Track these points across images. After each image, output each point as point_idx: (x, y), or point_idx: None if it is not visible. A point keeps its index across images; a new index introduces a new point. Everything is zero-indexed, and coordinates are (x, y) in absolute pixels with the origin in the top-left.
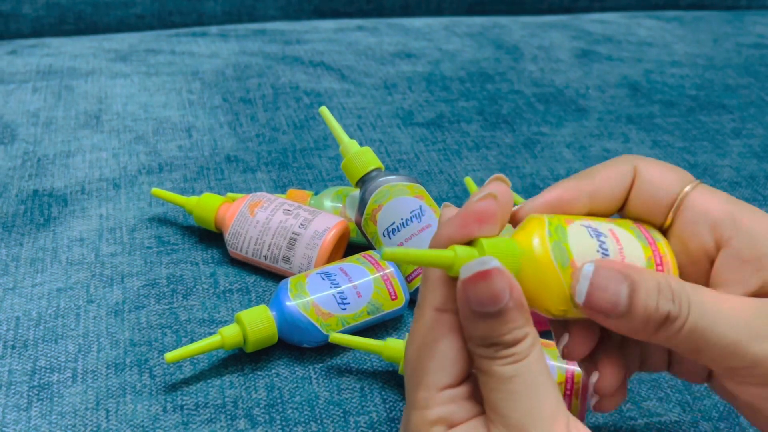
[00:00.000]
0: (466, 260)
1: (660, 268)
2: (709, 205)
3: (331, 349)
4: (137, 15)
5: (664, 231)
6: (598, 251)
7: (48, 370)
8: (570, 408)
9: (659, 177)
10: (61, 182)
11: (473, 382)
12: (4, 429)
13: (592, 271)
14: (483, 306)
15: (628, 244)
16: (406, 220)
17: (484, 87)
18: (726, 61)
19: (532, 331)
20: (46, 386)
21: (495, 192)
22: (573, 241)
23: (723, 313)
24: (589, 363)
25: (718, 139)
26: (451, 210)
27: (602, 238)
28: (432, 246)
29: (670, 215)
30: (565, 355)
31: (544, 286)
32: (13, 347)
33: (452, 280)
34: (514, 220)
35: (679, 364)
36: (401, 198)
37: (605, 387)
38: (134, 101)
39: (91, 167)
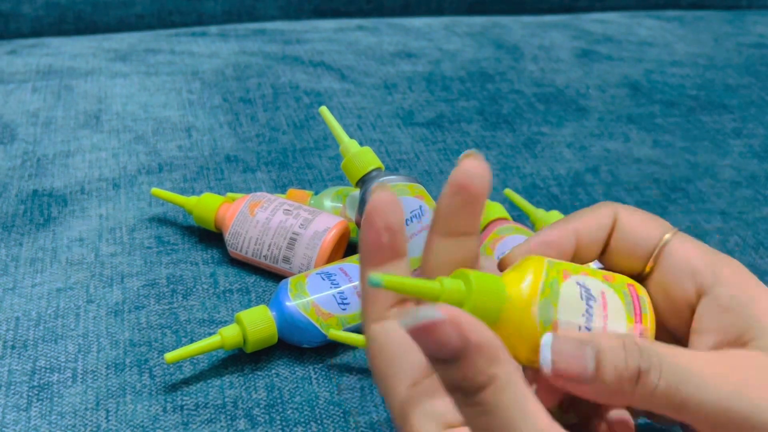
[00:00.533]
0: (452, 293)
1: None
2: (689, 254)
3: (331, 349)
4: (137, 15)
5: (644, 278)
6: (583, 316)
7: (48, 371)
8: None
9: (639, 225)
10: (61, 182)
11: None
12: (3, 429)
13: (552, 339)
14: (435, 354)
15: (613, 315)
16: (406, 220)
17: (485, 87)
18: (727, 61)
19: (501, 372)
20: (46, 386)
21: (473, 151)
22: (562, 302)
23: (700, 369)
24: (600, 422)
25: (718, 139)
26: (382, 195)
27: (590, 303)
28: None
29: (650, 262)
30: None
31: (520, 337)
32: (13, 347)
33: (382, 293)
34: (503, 264)
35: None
36: (401, 198)
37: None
38: (134, 101)
39: (91, 167)
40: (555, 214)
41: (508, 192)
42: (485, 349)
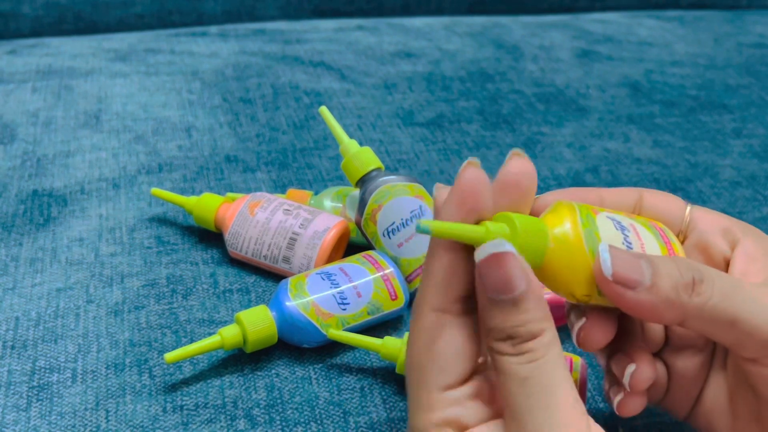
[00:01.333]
0: (497, 236)
1: None
2: (715, 218)
3: (331, 349)
4: (137, 14)
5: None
6: (623, 243)
7: (47, 371)
8: None
9: (663, 201)
10: (61, 182)
11: (480, 383)
12: (3, 429)
13: (608, 246)
14: (498, 293)
15: (648, 242)
16: (406, 220)
17: (485, 87)
18: (727, 61)
19: (550, 327)
20: (46, 386)
21: (475, 159)
22: (602, 230)
23: (750, 288)
24: (622, 356)
25: (718, 139)
26: (444, 192)
27: (626, 232)
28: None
29: (680, 235)
30: (581, 341)
31: (573, 269)
32: (13, 347)
33: (452, 281)
34: (534, 209)
35: (673, 392)
36: (401, 198)
37: (643, 379)
38: (134, 101)
39: (91, 167)
40: None
41: None
42: (542, 302)
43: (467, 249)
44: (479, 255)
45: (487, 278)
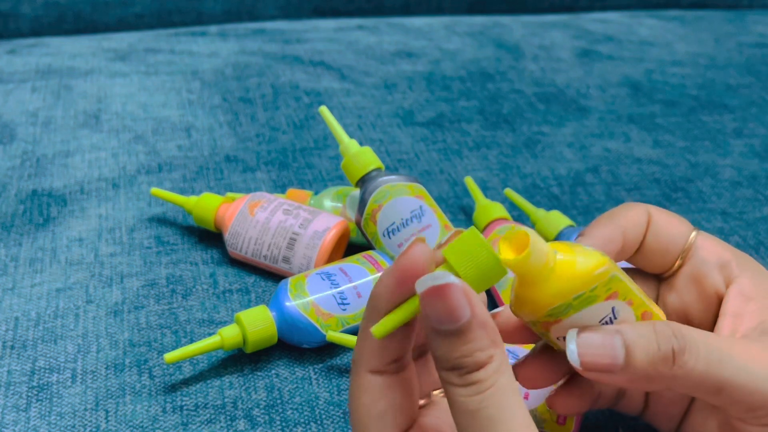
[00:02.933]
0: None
1: None
2: (716, 249)
3: (331, 349)
4: (136, 14)
5: (672, 273)
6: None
7: (47, 371)
8: (566, 417)
9: (672, 223)
10: (60, 182)
11: (428, 425)
12: (3, 429)
13: (576, 333)
14: (441, 323)
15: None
16: (407, 220)
17: (485, 86)
18: (727, 61)
19: (498, 353)
20: (46, 387)
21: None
22: (585, 312)
23: (736, 352)
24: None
25: (719, 139)
26: (417, 250)
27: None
28: (369, 306)
29: (680, 259)
30: (521, 381)
31: (540, 293)
32: (12, 348)
33: (388, 345)
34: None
35: (653, 408)
36: (401, 198)
37: (561, 409)
38: (133, 101)
39: (90, 167)
40: (555, 214)
41: (508, 192)
42: (489, 328)
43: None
44: (420, 287)
45: (429, 309)
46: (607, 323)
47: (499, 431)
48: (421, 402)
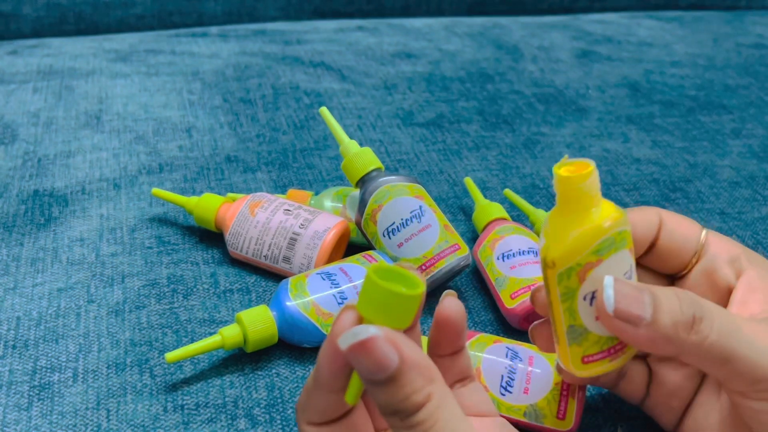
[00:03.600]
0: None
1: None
2: (726, 245)
3: None
4: (137, 15)
5: (688, 271)
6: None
7: (48, 370)
8: (566, 408)
9: (684, 225)
10: (62, 182)
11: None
12: (4, 429)
13: (613, 281)
14: (373, 375)
15: None
16: (406, 220)
17: (484, 87)
18: (726, 62)
19: (437, 389)
20: (47, 386)
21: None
22: (616, 257)
23: (748, 328)
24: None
25: (717, 139)
26: (344, 317)
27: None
28: (316, 372)
29: (695, 258)
30: (538, 343)
31: (569, 237)
32: (14, 347)
33: (330, 411)
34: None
35: (654, 398)
36: (401, 198)
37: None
38: (134, 101)
39: (92, 167)
40: None
41: (508, 192)
42: (421, 367)
43: (340, 390)
44: (342, 343)
45: (357, 365)
46: (629, 277)
47: None
48: None
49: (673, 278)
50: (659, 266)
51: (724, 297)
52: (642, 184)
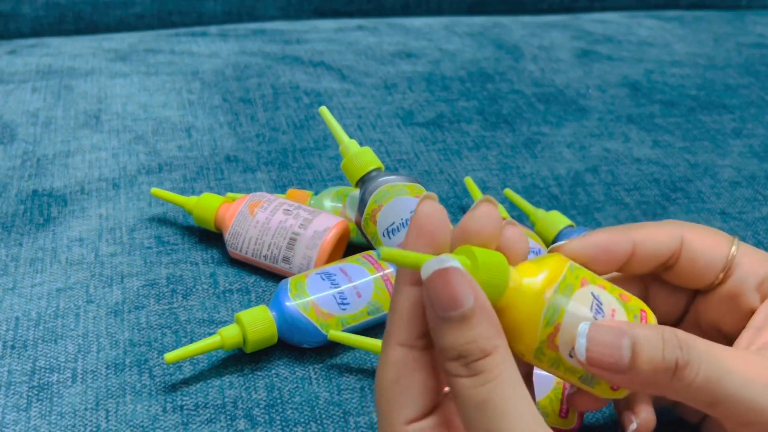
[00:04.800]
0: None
1: None
2: (755, 266)
3: (331, 349)
4: (137, 15)
5: (712, 289)
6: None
7: (47, 371)
8: (569, 407)
9: (709, 242)
10: (61, 182)
11: (445, 413)
12: (3, 429)
13: (588, 328)
14: (445, 309)
15: None
16: (406, 220)
17: (485, 87)
18: (726, 61)
19: (503, 345)
20: (46, 386)
21: (432, 194)
22: (571, 307)
23: (738, 366)
24: (626, 411)
25: (718, 139)
26: (428, 206)
27: (599, 317)
28: (398, 269)
29: (720, 276)
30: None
31: (521, 325)
32: (13, 347)
33: (416, 316)
34: (562, 251)
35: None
36: (401, 198)
37: (644, 430)
38: (134, 101)
39: (91, 167)
40: (555, 214)
41: (508, 192)
42: (493, 319)
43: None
44: (424, 272)
45: (433, 295)
46: (597, 312)
47: (507, 424)
48: (447, 390)
49: (696, 292)
50: (681, 283)
51: (744, 319)
52: (642, 184)
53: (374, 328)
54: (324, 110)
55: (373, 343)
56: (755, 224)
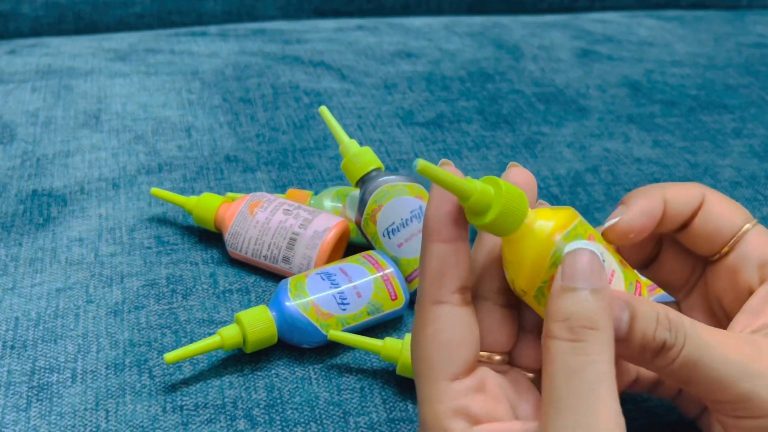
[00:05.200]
0: (483, 194)
1: None
2: (762, 246)
3: (331, 349)
4: (136, 14)
5: (716, 260)
6: None
7: (47, 371)
8: None
9: (725, 210)
10: (60, 182)
11: (484, 378)
12: (3, 429)
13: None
14: (577, 280)
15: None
16: (406, 220)
17: (485, 87)
18: (727, 61)
19: (610, 332)
20: (46, 387)
21: (449, 161)
22: None
23: (717, 349)
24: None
25: (718, 139)
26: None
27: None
28: (425, 228)
29: (727, 247)
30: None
31: (527, 262)
32: (12, 347)
33: (446, 272)
34: (609, 236)
35: (685, 394)
36: (401, 198)
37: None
38: (133, 101)
39: (91, 167)
40: None
41: None
42: (608, 306)
43: (457, 239)
44: (570, 248)
45: (573, 265)
46: None
47: (593, 401)
48: (482, 354)
49: (708, 261)
50: (692, 246)
51: (741, 299)
52: (643, 184)
53: (374, 328)
54: (324, 110)
55: (373, 343)
56: None
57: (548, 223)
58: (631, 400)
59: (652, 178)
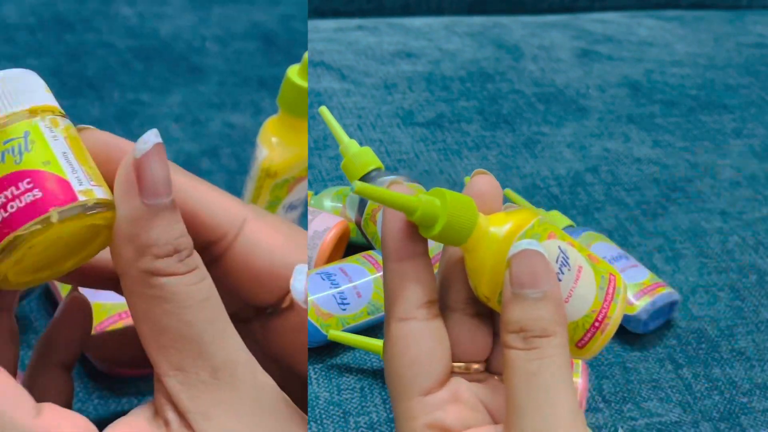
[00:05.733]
0: (428, 206)
1: (597, 324)
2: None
3: (331, 349)
4: None
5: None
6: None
7: None
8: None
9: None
10: None
11: (458, 389)
12: None
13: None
14: (524, 286)
15: (582, 291)
16: None
17: (485, 87)
18: (727, 61)
19: (563, 334)
20: None
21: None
22: None
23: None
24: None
25: (718, 139)
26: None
27: (564, 269)
28: (384, 247)
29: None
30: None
31: (485, 272)
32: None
33: (407, 288)
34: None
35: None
36: None
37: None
38: None
39: None
40: (555, 214)
41: (508, 192)
42: (560, 307)
43: (415, 255)
44: (513, 250)
45: (518, 271)
46: (562, 265)
47: (551, 400)
48: (455, 365)
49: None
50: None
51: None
52: (643, 183)
53: (374, 328)
54: (324, 110)
55: (373, 343)
56: (755, 224)
57: (504, 226)
58: (631, 400)
59: (651, 178)
